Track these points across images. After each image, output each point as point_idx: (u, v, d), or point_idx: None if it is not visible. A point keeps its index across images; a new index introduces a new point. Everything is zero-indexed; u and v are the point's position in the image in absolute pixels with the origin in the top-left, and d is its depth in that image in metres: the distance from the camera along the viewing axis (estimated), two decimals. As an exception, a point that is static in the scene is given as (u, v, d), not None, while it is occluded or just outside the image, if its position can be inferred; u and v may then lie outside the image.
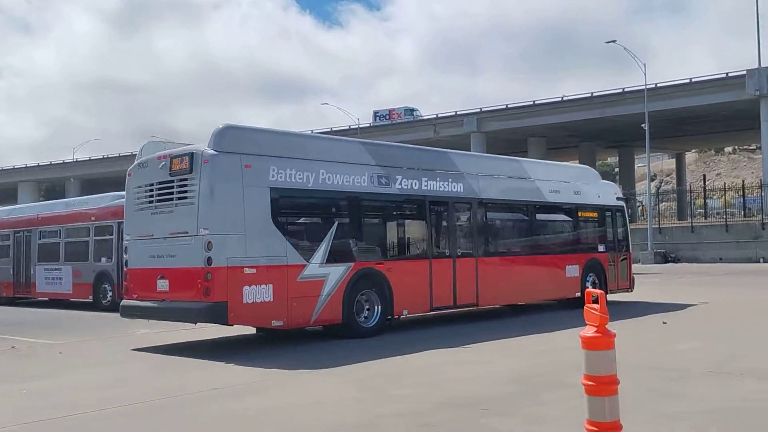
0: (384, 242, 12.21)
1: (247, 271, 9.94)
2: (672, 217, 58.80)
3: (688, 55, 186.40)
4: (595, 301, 3.57)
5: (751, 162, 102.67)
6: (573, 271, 15.49)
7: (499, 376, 7.48)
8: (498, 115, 57.89)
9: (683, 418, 5.54)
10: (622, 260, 16.97)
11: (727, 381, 6.91)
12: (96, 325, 14.20)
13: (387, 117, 65.05)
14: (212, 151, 10.07)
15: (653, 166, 77.84)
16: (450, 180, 13.32)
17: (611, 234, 16.99)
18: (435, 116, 61.46)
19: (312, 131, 68.51)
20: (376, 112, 67.47)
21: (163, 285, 10.51)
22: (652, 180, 63.27)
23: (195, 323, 11.10)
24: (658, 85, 49.41)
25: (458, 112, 60.54)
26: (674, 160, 78.67)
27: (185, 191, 10.29)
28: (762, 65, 45.31)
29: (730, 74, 47.99)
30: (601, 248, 16.49)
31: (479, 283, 13.26)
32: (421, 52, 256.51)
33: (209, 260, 9.78)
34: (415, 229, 12.79)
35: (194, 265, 9.93)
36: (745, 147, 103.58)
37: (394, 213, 12.60)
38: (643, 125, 44.64)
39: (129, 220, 11.50)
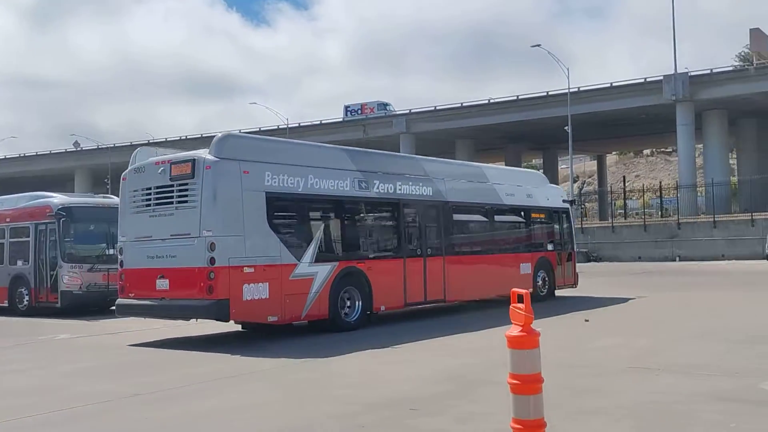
0: (364, 242, 13.11)
1: (246, 270, 10.62)
2: (594, 218, 60.58)
3: (607, 60, 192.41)
4: (521, 301, 3.66)
5: (667, 164, 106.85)
6: (526, 268, 16.62)
7: (432, 375, 7.57)
8: (427, 116, 58.48)
9: (602, 413, 5.73)
10: (567, 258, 18.18)
11: (646, 376, 7.17)
12: (15, 331, 13.64)
13: (359, 111, 62.79)
14: (214, 158, 10.77)
15: (576, 167, 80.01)
16: (420, 184, 14.26)
17: (558, 234, 18.22)
18: (364, 117, 61.59)
19: (240, 131, 67.64)
20: (347, 107, 64.76)
21: (162, 284, 11.05)
22: (575, 181, 65.03)
23: (195, 320, 11.54)
24: (581, 88, 50.88)
25: (387, 113, 60.85)
26: (596, 162, 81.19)
27: (186, 195, 10.91)
28: (678, 71, 47.27)
29: (648, 79, 49.85)
30: (549, 247, 17.71)
31: (446, 280, 14.15)
32: (349, 52, 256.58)
33: (212, 260, 10.40)
34: (390, 230, 13.78)
35: (197, 264, 10.53)
36: (662, 150, 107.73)
37: (373, 215, 13.64)
38: (566, 128, 45.89)
39: (124, 222, 12.00)
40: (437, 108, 58.51)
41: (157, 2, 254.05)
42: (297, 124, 64.66)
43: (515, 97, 54.84)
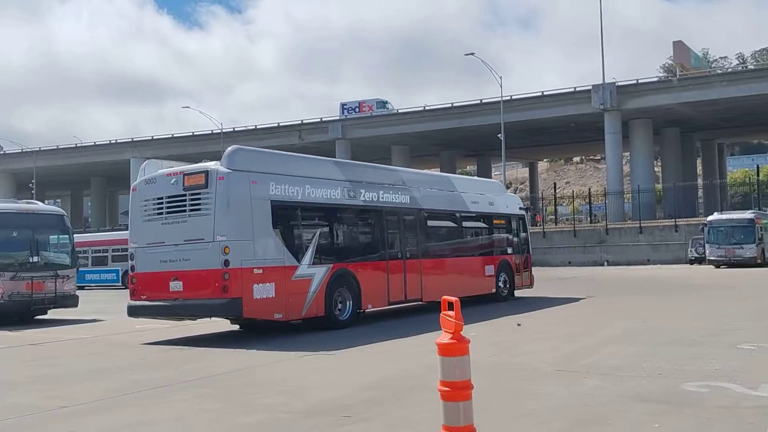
0: (353, 246, 14.27)
1: (256, 271, 11.64)
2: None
3: (538, 69, 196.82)
4: (451, 308, 3.69)
5: (596, 171, 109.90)
6: (490, 270, 17.94)
7: (364, 381, 7.55)
8: (362, 122, 58.60)
9: (533, 416, 5.83)
10: (525, 261, 19.57)
11: (574, 379, 7.33)
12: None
13: (356, 110, 60.35)
14: (226, 169, 11.77)
15: (509, 174, 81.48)
16: (399, 193, 15.47)
17: (516, 239, 19.48)
18: (300, 122, 61.29)
19: (173, 135, 66.34)
20: (343, 105, 62.47)
21: (176, 286, 11.87)
22: (507, 187, 66.09)
23: (209, 318, 12.62)
24: (513, 97, 51.88)
25: (323, 119, 60.72)
26: (528, 168, 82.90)
27: (199, 203, 11.80)
28: (606, 81, 48.71)
29: (577, 89, 51.22)
30: (509, 251, 18.98)
31: (423, 281, 15.29)
32: (283, 58, 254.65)
33: (226, 262, 11.33)
34: (375, 234, 14.80)
35: (211, 267, 11.44)
36: (591, 157, 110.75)
37: (360, 221, 14.65)
38: (499, 135, 46.70)
39: (135, 229, 12.78)
40: (373, 114, 58.73)
41: (84, 2, 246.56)
42: (232, 129, 63.85)
43: (450, 105, 55.54)
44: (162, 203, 12.32)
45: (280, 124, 62.05)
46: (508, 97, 50.61)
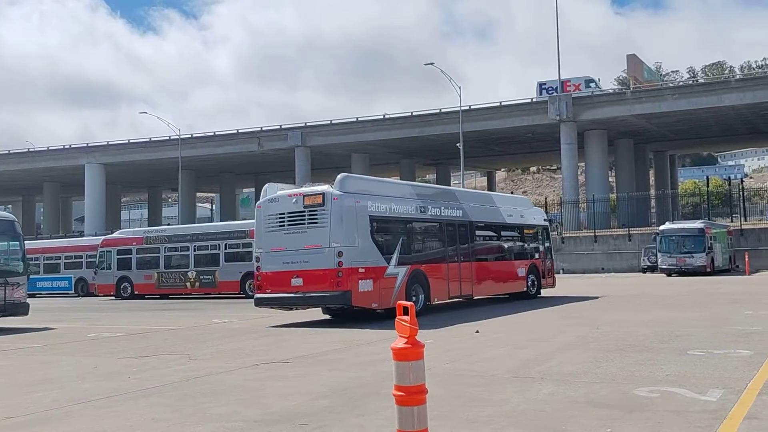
0: (424, 250, 17.44)
1: (360, 270, 14.88)
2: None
3: (495, 79, 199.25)
4: (406, 313, 3.69)
5: (553, 181, 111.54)
6: (522, 272, 21.19)
7: (320, 389, 7.52)
8: (322, 130, 58.51)
9: (487, 422, 5.86)
10: (549, 264, 22.91)
11: (529, 385, 7.40)
12: None
13: (557, 90, 53.58)
14: (338, 192, 15.11)
15: (467, 183, 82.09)
16: (455, 208, 18.82)
17: (542, 245, 22.75)
18: (259, 129, 60.91)
19: (129, 141, 65.30)
20: (542, 84, 57.30)
21: (297, 282, 15.08)
22: (466, 196, 66.54)
23: (325, 307, 16.10)
24: (472, 107, 52.42)
25: (283, 126, 60.45)
26: (486, 178, 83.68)
27: (316, 218, 15.04)
28: (562, 92, 49.53)
29: (534, 100, 52.01)
30: (536, 256, 22.30)
31: (474, 280, 18.67)
32: (240, 64, 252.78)
33: (340, 263, 14.61)
34: (439, 242, 18.03)
35: (327, 266, 14.71)
36: (548, 167, 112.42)
37: (428, 230, 17.91)
38: (458, 144, 47.07)
39: (260, 238, 15.97)
40: (333, 122, 58.73)
41: (34, 4, 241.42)
42: (190, 135, 63.14)
43: (410, 114, 55.83)
44: (284, 217, 15.49)
45: (240, 131, 61.59)
46: (467, 107, 51.11)
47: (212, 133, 62.70)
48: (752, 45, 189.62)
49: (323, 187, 15.48)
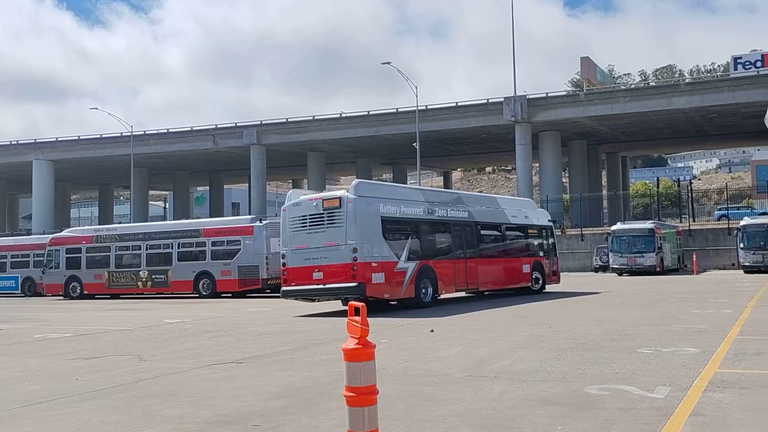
0: (432, 248, 19.28)
1: (373, 264, 16.89)
2: (440, 231, 62.46)
3: (451, 79, 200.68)
4: (357, 314, 3.68)
5: (508, 181, 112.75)
6: (526, 268, 22.95)
7: (274, 389, 7.45)
8: (278, 128, 58.08)
9: (440, 421, 5.88)
10: (553, 262, 24.63)
11: (482, 384, 7.46)
12: None
13: (758, 63, 48.87)
14: (354, 196, 17.16)
15: (424, 182, 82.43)
16: (460, 210, 20.89)
17: (546, 244, 24.47)
18: (214, 127, 60.15)
19: (79, 137, 63.85)
20: (736, 59, 51.01)
21: (318, 275, 17.15)
22: (422, 196, 66.81)
23: (341, 298, 17.94)
24: (429, 107, 52.62)
25: (238, 124, 59.85)
26: (442, 177, 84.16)
27: (334, 219, 17.13)
28: (517, 94, 50.09)
29: (490, 100, 52.46)
30: (541, 254, 24.01)
31: (478, 275, 20.58)
32: (192, 60, 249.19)
33: (355, 258, 16.66)
34: (446, 240, 19.93)
35: (344, 261, 16.74)
36: (503, 167, 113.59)
37: (436, 230, 19.74)
38: (414, 144, 47.21)
39: (285, 237, 18.14)
40: (289, 120, 58.34)
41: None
42: (142, 132, 62.08)
43: (366, 113, 55.78)
44: (306, 219, 17.60)
45: (194, 129, 60.76)
46: (424, 107, 51.31)
47: (165, 130, 61.72)
48: (700, 49, 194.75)
49: (340, 192, 17.83)
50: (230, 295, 27.47)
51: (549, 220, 25.35)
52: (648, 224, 38.37)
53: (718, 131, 57.15)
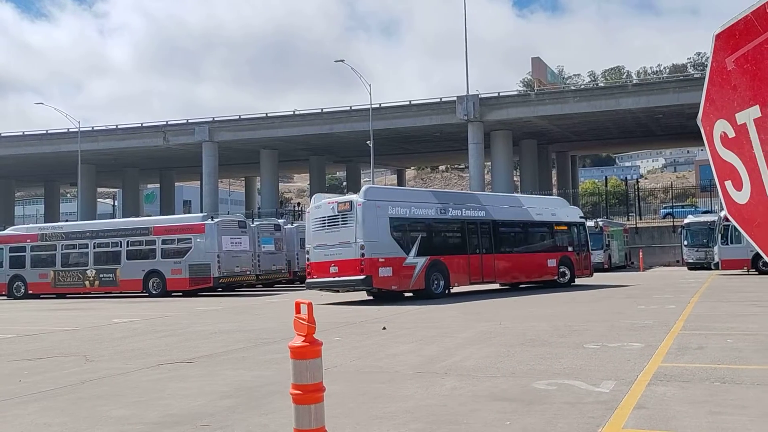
0: (444, 245, 21.28)
1: (380, 260, 19.05)
2: (393, 229, 62.58)
3: (403, 77, 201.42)
4: (304, 311, 3.67)
5: (461, 179, 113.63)
6: (552, 262, 24.23)
7: (223, 389, 7.38)
8: (230, 125, 57.43)
9: (390, 418, 5.91)
10: (584, 256, 25.74)
11: (432, 380, 7.51)
12: None
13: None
14: (363, 199, 19.34)
15: (378, 181, 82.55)
16: (476, 209, 22.54)
17: (576, 239, 25.59)
18: (165, 123, 59.18)
19: (23, 133, 62.10)
20: None
21: (334, 269, 19.37)
22: (376, 194, 66.83)
23: (353, 289, 19.96)
24: (382, 105, 52.68)
25: (189, 120, 58.95)
26: (396, 176, 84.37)
27: (347, 220, 19.32)
28: (470, 93, 50.51)
29: (443, 99, 52.77)
30: (570, 248, 25.18)
31: (496, 270, 22.25)
32: (139, 54, 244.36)
33: (362, 254, 18.82)
34: (459, 237, 21.77)
35: (354, 257, 18.97)
36: (456, 166, 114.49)
37: (448, 229, 21.70)
38: (368, 142, 47.24)
39: (309, 236, 20.62)
40: (242, 117, 57.73)
41: None
42: (90, 128, 60.65)
43: (320, 110, 55.57)
44: (325, 220, 19.87)
45: (144, 125, 59.67)
46: (378, 105, 51.36)
47: (114, 126, 60.47)
48: (646, 50, 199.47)
49: (352, 196, 20.12)
50: (181, 294, 27.07)
51: (580, 217, 26.58)
52: (596, 222, 39.14)
53: (664, 131, 58.58)
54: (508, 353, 9.21)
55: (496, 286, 23.75)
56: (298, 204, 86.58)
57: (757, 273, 28.39)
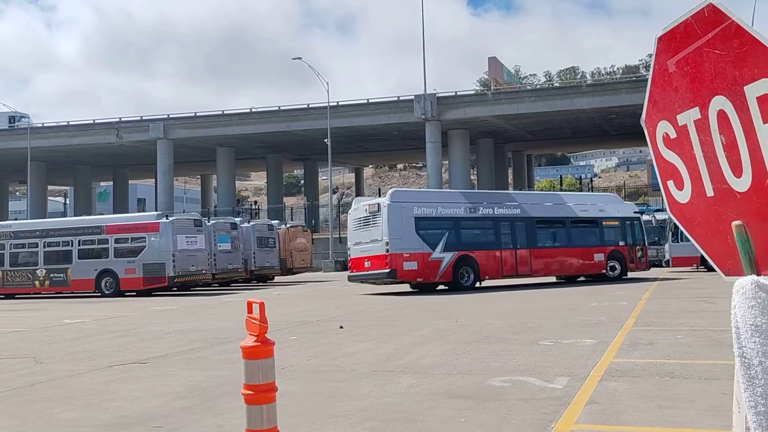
0: (472, 240, 22.83)
1: (405, 255, 21.23)
2: (351, 228, 62.58)
3: (359, 75, 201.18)
4: (256, 311, 3.64)
5: (419, 178, 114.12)
6: (599, 257, 24.99)
7: (177, 389, 7.28)
8: (186, 122, 56.71)
9: (347, 417, 5.91)
10: (639, 250, 26.14)
11: (389, 378, 7.53)
12: None
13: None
14: (389, 201, 21.56)
15: (335, 179, 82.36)
16: (510, 207, 23.91)
17: (630, 234, 26.04)
18: (118, 120, 58.13)
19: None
20: None
21: (367, 264, 21.87)
22: (334, 192, 66.78)
23: (382, 282, 22.18)
24: (340, 103, 52.61)
25: (144, 117, 58.02)
26: (354, 174, 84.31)
27: (376, 220, 21.67)
28: (427, 92, 50.74)
29: (401, 98, 52.91)
30: (621, 243, 25.68)
31: (531, 263, 23.60)
32: (89, 50, 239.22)
33: (387, 250, 21.02)
34: (491, 233, 23.28)
35: (381, 253, 21.19)
36: (414, 164, 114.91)
37: (479, 226, 23.30)
38: (326, 140, 47.09)
39: (350, 235, 23.45)
40: (197, 114, 57.07)
41: None
42: (41, 125, 59.26)
43: (277, 108, 55.24)
44: (360, 220, 22.52)
45: (96, 121, 58.54)
46: (335, 103, 51.27)
47: (66, 123, 59.23)
48: (599, 49, 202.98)
49: (380, 199, 22.65)
50: (135, 293, 26.64)
51: (635, 212, 27.14)
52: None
53: (617, 131, 59.74)
54: (464, 350, 9.26)
55: (537, 279, 24.62)
56: (255, 202, 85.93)
57: (706, 270, 29.13)
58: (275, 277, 35.50)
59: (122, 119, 58.20)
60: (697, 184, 2.11)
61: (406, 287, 23.12)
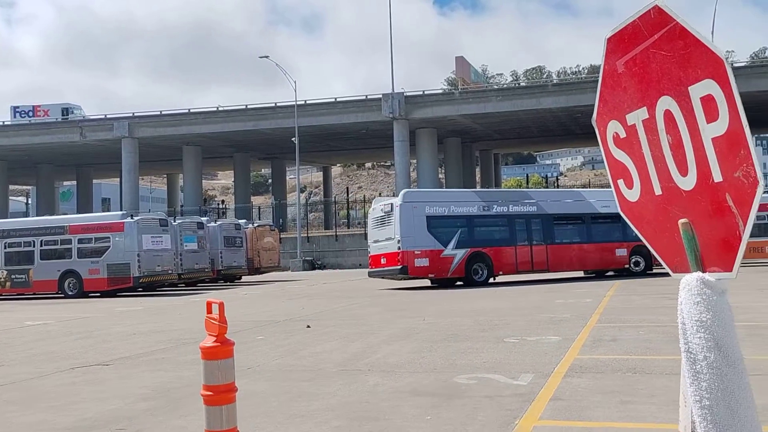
0: (485, 237, 23.58)
1: (416, 252, 22.20)
2: (320, 227, 62.59)
3: (327, 73, 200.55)
4: (216, 311, 3.62)
5: (387, 177, 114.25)
6: (621, 252, 25.08)
7: (141, 391, 7.21)
8: (152, 121, 56.05)
9: (312, 416, 5.90)
10: None
11: (356, 377, 7.54)
12: None
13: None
14: (401, 201, 22.68)
15: (303, 178, 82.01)
16: (526, 205, 24.36)
17: None
18: (81, 118, 57.19)
19: (-72, 127, 58.84)
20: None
21: (383, 261, 22.98)
22: (301, 191, 66.58)
23: (396, 277, 23.22)
24: (308, 102, 52.42)
25: (108, 116, 57.21)
26: (322, 173, 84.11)
27: (390, 219, 22.78)
28: (395, 91, 50.82)
29: (369, 97, 52.91)
30: None
31: (549, 259, 24.12)
32: (50, 46, 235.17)
33: (399, 248, 22.14)
34: (504, 230, 23.90)
35: (394, 250, 22.35)
36: (382, 163, 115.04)
37: (493, 223, 23.96)
38: (293, 139, 46.91)
39: (369, 233, 24.65)
40: (163, 113, 56.44)
41: None
42: (1, 123, 58.08)
43: (244, 107, 54.87)
44: (377, 220, 23.71)
45: (59, 119, 57.52)
46: (303, 102, 51.08)
47: (27, 121, 58.08)
48: (564, 49, 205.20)
49: (393, 199, 23.74)
50: (99, 294, 26.27)
51: None
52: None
53: (583, 130, 60.44)
54: (430, 348, 9.30)
55: (554, 275, 25.42)
56: (223, 201, 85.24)
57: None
58: (242, 277, 35.28)
59: (86, 117, 57.33)
60: (645, 183, 2.16)
61: (427, 282, 24.02)
